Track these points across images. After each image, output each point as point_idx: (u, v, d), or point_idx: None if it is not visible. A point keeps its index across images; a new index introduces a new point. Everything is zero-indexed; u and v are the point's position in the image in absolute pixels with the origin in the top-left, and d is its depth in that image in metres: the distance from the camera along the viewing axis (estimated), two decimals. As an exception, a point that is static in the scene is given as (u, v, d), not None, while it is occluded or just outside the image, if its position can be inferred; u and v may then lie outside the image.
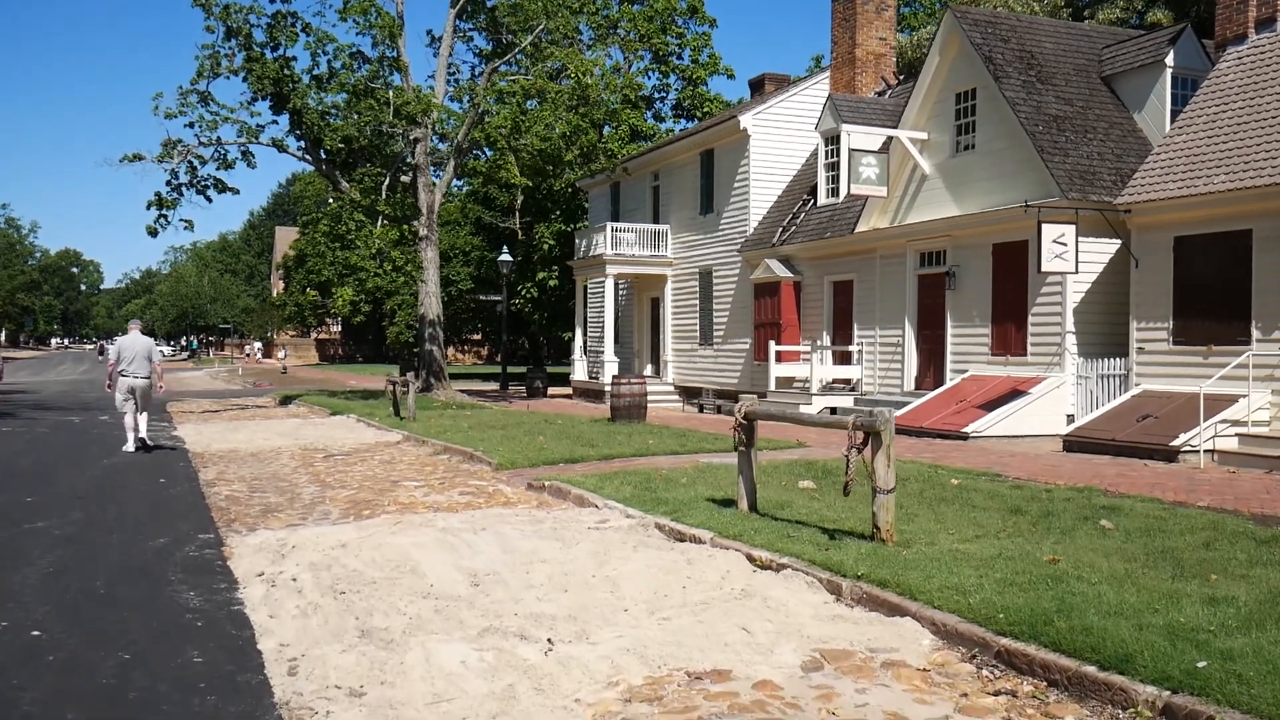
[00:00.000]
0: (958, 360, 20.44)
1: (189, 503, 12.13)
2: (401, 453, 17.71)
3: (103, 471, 15.03)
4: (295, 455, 17.41)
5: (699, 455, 15.60)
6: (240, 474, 14.92)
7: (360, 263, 27.96)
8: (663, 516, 10.02)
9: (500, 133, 28.29)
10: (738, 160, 27.85)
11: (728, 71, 44.29)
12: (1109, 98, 19.95)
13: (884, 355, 22.62)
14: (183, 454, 17.64)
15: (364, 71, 29.97)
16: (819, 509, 10.06)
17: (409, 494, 12.82)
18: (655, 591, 7.60)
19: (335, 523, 10.79)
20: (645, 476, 12.68)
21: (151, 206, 28.73)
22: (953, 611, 6.44)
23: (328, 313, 77.63)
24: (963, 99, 20.59)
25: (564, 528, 10.02)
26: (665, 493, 11.34)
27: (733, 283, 28.16)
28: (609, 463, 15.02)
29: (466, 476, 14.43)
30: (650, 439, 17.75)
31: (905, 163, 21.97)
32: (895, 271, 22.19)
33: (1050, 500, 10.63)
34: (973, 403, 18.46)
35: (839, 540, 8.42)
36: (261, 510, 11.67)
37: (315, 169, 31.06)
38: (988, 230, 19.64)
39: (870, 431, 8.02)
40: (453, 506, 11.70)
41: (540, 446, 16.65)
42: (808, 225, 25.21)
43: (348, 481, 14.04)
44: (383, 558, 8.74)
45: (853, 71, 27.08)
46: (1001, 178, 19.54)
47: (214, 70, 28.42)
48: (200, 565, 8.69)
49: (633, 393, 21.59)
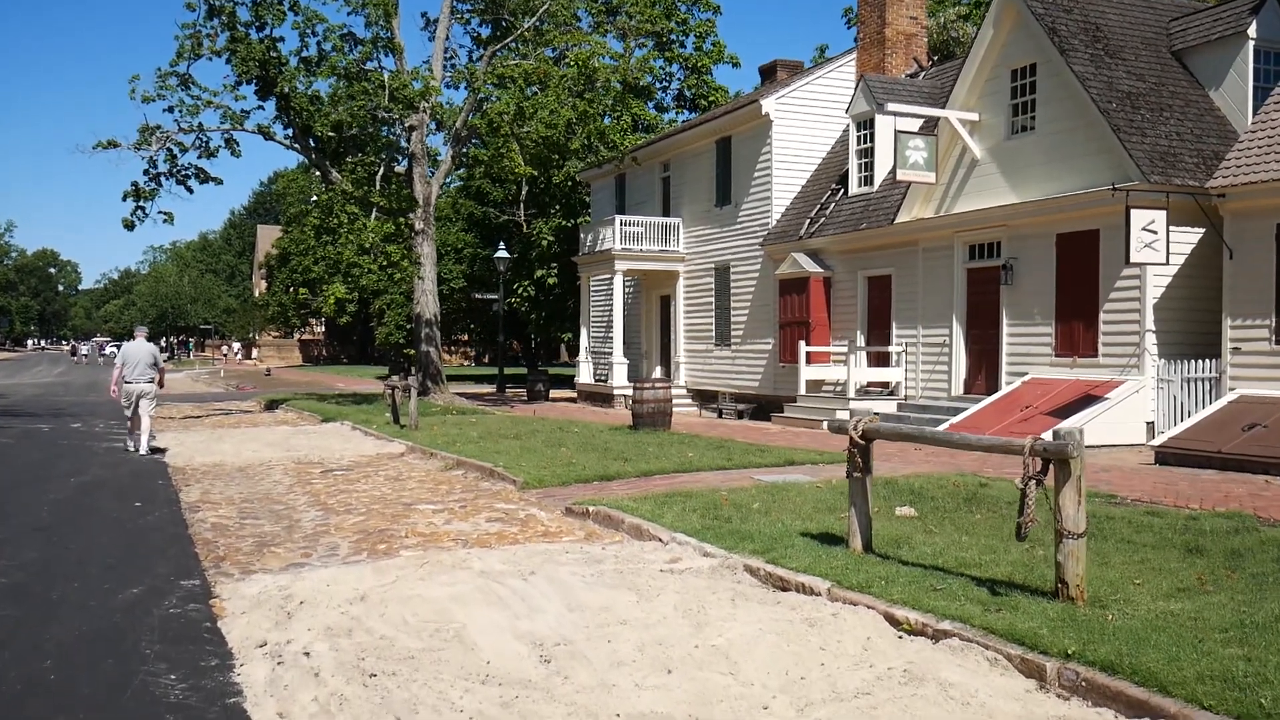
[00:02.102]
0: (1015, 362, 18.67)
1: (169, 534, 10.22)
2: (408, 467, 15.80)
3: (70, 493, 13.07)
4: (289, 470, 15.49)
5: (752, 471, 13.75)
6: (228, 494, 13.00)
7: (353, 258, 26.00)
8: (753, 556, 8.18)
9: (503, 119, 26.36)
10: (758, 148, 26.03)
11: (733, 60, 42.46)
12: (1181, 73, 18.23)
13: (927, 356, 20.83)
14: (162, 468, 15.69)
15: (356, 54, 28.01)
16: (948, 548, 8.22)
17: (428, 521, 10.94)
18: (788, 672, 5.76)
19: (346, 561, 8.91)
20: (707, 500, 10.83)
21: (128, 198, 26.73)
22: (1236, 718, 4.64)
23: (311, 313, 75.57)
24: (1019, 76, 18.82)
25: (631, 570, 8.17)
26: (742, 523, 9.49)
27: (753, 279, 26.33)
28: (649, 480, 13.18)
29: (489, 498, 12.54)
30: (688, 451, 15.90)
31: (952, 147, 20.19)
32: (941, 265, 20.41)
33: (1211, 532, 8.82)
34: (1040, 409, 16.69)
35: (1007, 596, 6.59)
36: (256, 543, 9.78)
37: (304, 158, 29.04)
38: (1051, 219, 17.87)
39: (1055, 459, 6.20)
40: (484, 539, 9.83)
41: (567, 461, 14.78)
42: (838, 216, 23.41)
43: (353, 504, 12.14)
44: (416, 618, 6.88)
45: (882, 53, 25.30)
46: (1066, 160, 17.78)
47: (195, 51, 26.44)
48: (184, 630, 6.80)
49: (657, 398, 19.73)
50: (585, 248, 31.70)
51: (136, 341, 17.84)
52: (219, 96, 26.75)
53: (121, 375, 17.40)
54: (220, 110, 26.88)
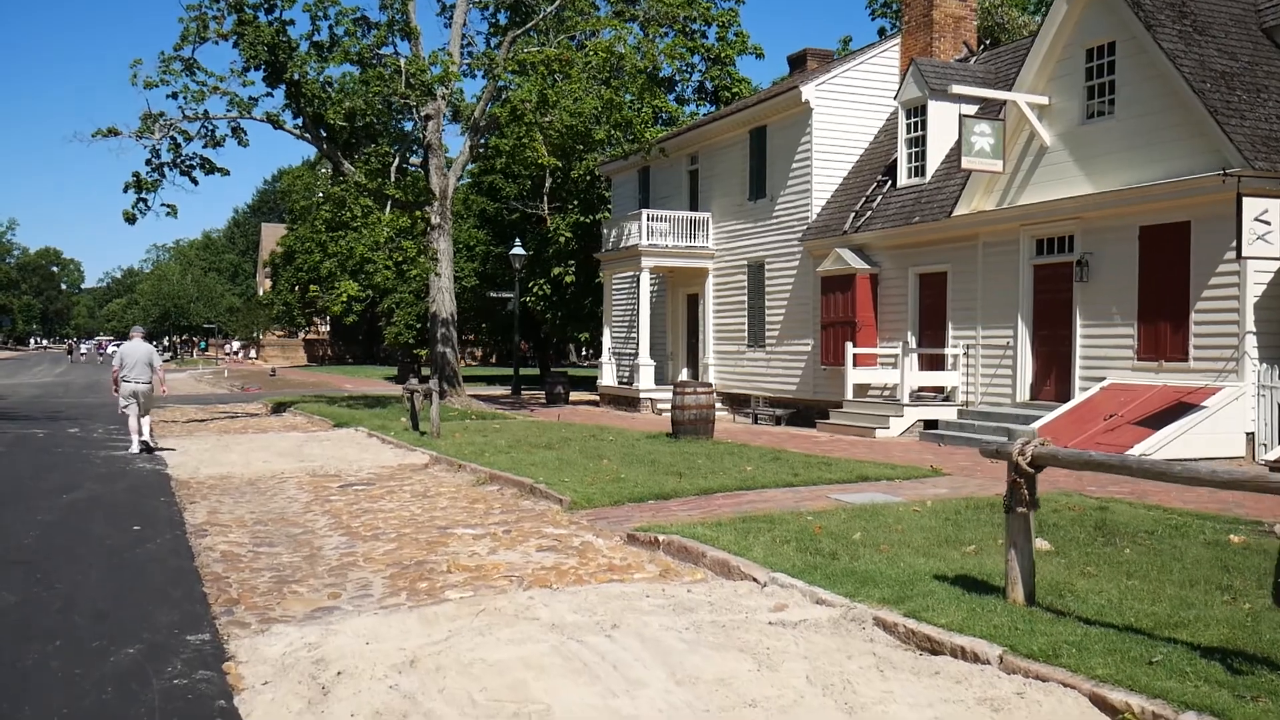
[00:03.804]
0: (1090, 365, 17.19)
1: (172, 568, 8.76)
2: (436, 481, 14.34)
3: (60, 513, 11.61)
4: (304, 484, 14.04)
5: (825, 489, 12.27)
6: (238, 514, 11.55)
7: (367, 253, 24.53)
8: (883, 607, 6.71)
9: (526, 106, 24.87)
10: (797, 137, 24.54)
11: (756, 50, 40.92)
12: (1275, 52, 16.74)
13: (988, 359, 19.34)
14: (164, 482, 14.24)
15: (370, 39, 26.55)
16: (1125, 599, 6.74)
17: (469, 550, 9.48)
18: (1001, 789, 4.31)
19: (384, 605, 7.46)
20: (794, 528, 9.36)
21: (129, 189, 25.28)
22: None
23: (317, 312, 74.05)
24: (1096, 55, 17.33)
25: (735, 624, 6.70)
26: (852, 560, 8.01)
27: (790, 276, 24.84)
28: (711, 500, 11.72)
29: (534, 520, 11.07)
30: (744, 464, 14.42)
31: (1017, 134, 18.70)
32: (1003, 261, 18.92)
33: None
34: (1126, 419, 15.21)
35: (1254, 675, 5.12)
36: (274, 580, 8.33)
37: (315, 149, 27.55)
38: (1134, 210, 16.38)
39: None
40: (540, 576, 8.36)
41: (613, 475, 13.30)
42: (886, 210, 21.92)
43: (380, 527, 10.69)
44: (486, 695, 5.42)
45: (929, 36, 23.81)
46: (1150, 147, 16.29)
47: (201, 34, 24.99)
48: (192, 712, 5.33)
49: (699, 404, 18.25)
50: (608, 244, 30.22)
51: (134, 342, 18.06)
52: (226, 82, 25.31)
53: (120, 375, 17.60)
54: (227, 97, 25.44)
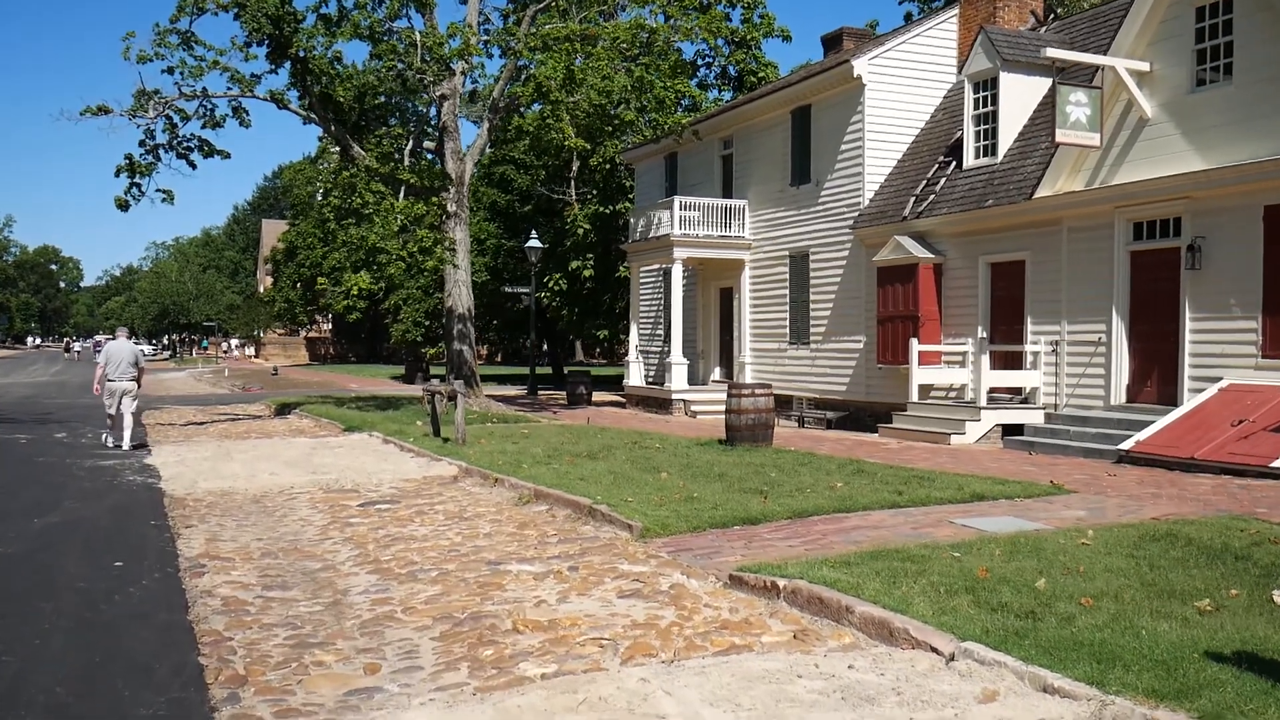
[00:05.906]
0: (1202, 364, 15.23)
1: (159, 627, 6.81)
2: (470, 499, 12.39)
3: (27, 543, 9.65)
4: (317, 502, 12.11)
5: (940, 510, 10.31)
6: (242, 542, 9.62)
7: (378, 242, 22.57)
8: (1159, 705, 4.75)
9: (552, 83, 22.90)
10: (846, 116, 22.58)
11: (784, 33, 38.87)
12: None
13: (1074, 357, 17.39)
14: (156, 499, 12.32)
15: (382, 12, 24.57)
16: None
17: (533, 595, 7.54)
18: None
19: (440, 686, 5.51)
20: (948, 569, 7.39)
21: (122, 173, 23.35)
22: None
23: (319, 309, 72.05)
24: (1207, 15, 15.38)
25: (947, 729, 4.75)
26: (1062, 622, 6.02)
27: (839, 266, 22.88)
28: (808, 524, 9.77)
29: (602, 552, 9.11)
30: (829, 478, 12.45)
31: (1112, 105, 16.75)
32: (1094, 247, 16.96)
33: None
34: (1262, 425, 13.26)
35: None
36: (291, 643, 6.39)
37: (322, 129, 25.57)
38: (1257, 188, 14.43)
39: None
40: (639, 640, 6.40)
41: (682, 493, 11.34)
42: (951, 193, 19.97)
43: (416, 560, 8.75)
44: None
45: (992, 6, 21.85)
46: (1275, 116, 14.35)
47: (199, 5, 23.01)
48: None
49: (758, 408, 16.29)
50: (635, 234, 28.25)
51: (119, 341, 18.38)
52: (226, 57, 23.34)
53: (105, 374, 17.84)
54: (227, 73, 23.46)
